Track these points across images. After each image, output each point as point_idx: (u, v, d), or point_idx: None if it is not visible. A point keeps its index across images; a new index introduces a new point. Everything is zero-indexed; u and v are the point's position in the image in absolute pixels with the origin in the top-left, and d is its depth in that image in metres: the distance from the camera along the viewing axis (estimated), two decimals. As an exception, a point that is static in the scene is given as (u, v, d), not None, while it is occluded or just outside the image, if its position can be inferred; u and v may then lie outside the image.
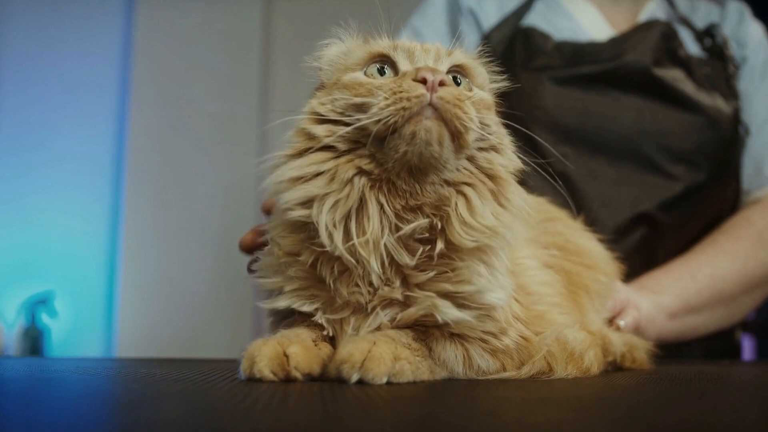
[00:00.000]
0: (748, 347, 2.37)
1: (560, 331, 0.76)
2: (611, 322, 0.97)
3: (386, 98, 0.65)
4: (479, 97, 0.71)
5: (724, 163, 1.26)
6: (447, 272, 0.68)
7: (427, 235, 0.68)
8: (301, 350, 0.66)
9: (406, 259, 0.67)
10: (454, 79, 0.71)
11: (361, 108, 0.67)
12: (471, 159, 0.70)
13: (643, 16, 1.36)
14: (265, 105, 2.71)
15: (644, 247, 1.22)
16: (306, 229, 0.69)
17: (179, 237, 2.60)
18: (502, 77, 0.78)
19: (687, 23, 1.35)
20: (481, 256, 0.69)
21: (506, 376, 0.71)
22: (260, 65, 2.72)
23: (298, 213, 0.68)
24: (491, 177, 0.70)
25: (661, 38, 1.26)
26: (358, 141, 0.68)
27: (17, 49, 2.60)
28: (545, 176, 1.20)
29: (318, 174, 0.68)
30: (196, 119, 2.66)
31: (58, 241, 2.53)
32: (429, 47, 0.72)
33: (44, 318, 2.45)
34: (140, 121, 2.62)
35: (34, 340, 2.41)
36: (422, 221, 0.67)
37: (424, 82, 0.65)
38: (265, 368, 0.64)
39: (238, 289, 2.60)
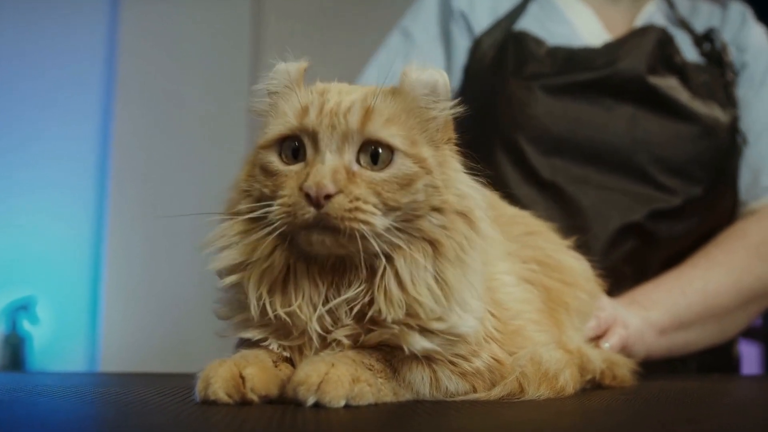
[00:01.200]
0: (754, 355, 2.36)
1: (535, 351, 0.76)
2: (596, 342, 0.96)
3: (279, 206, 0.67)
4: (394, 174, 0.67)
5: (721, 174, 1.25)
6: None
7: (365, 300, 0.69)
8: (257, 371, 0.66)
9: (340, 336, 0.69)
10: (373, 153, 0.68)
11: (271, 198, 0.69)
12: (405, 222, 0.68)
13: (642, 18, 1.35)
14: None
15: (636, 258, 1.21)
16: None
17: (166, 241, 2.60)
18: (458, 103, 0.73)
19: (686, 26, 1.35)
20: (443, 296, 0.68)
21: (475, 398, 0.71)
22: (250, 63, 2.72)
23: (230, 279, 0.71)
24: (430, 241, 0.69)
25: (656, 45, 1.25)
26: None
27: (-3, 45, 2.61)
28: (535, 187, 1.21)
29: (240, 242, 0.71)
30: (184, 119, 2.66)
31: (40, 245, 2.54)
32: (337, 124, 0.67)
33: (25, 325, 2.46)
34: (126, 120, 2.63)
35: (14, 348, 2.42)
36: (350, 294, 0.68)
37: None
38: (219, 390, 0.64)
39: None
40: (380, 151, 0.68)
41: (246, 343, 0.74)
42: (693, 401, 0.79)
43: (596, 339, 0.97)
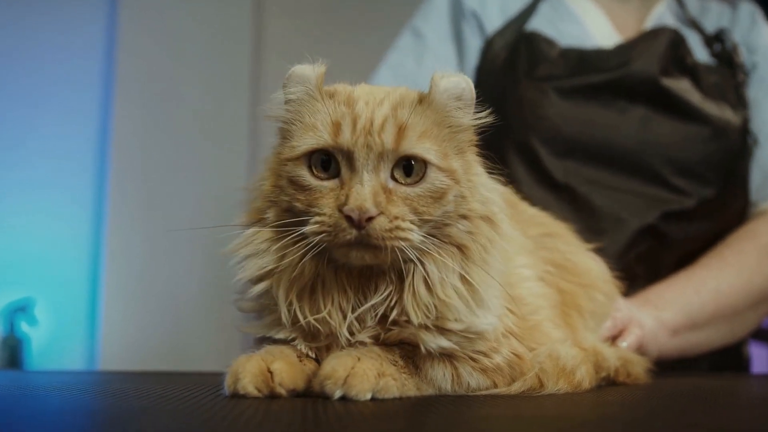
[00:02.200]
0: (763, 357, 2.40)
1: (553, 347, 0.81)
2: (613, 342, 1.00)
3: (318, 223, 0.70)
4: (428, 189, 0.71)
5: (732, 175, 1.29)
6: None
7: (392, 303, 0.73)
8: (285, 366, 0.70)
9: (363, 337, 0.72)
10: (406, 167, 0.71)
11: (304, 212, 0.72)
12: (434, 229, 0.72)
13: (652, 18, 1.39)
14: (257, 102, 2.73)
15: (649, 258, 1.26)
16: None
17: (166, 241, 2.62)
18: (486, 110, 0.77)
19: (696, 26, 1.38)
20: (469, 297, 0.73)
21: (496, 392, 0.75)
22: (251, 60, 2.74)
23: (259, 288, 0.75)
24: (457, 246, 0.73)
25: (668, 46, 1.29)
26: None
27: (-7, 41, 2.63)
28: (548, 189, 1.25)
29: (269, 249, 0.74)
30: (184, 117, 2.68)
31: (38, 246, 2.55)
32: (373, 144, 0.70)
33: (23, 326, 2.48)
34: (125, 118, 2.65)
35: (12, 350, 2.44)
36: (378, 299, 0.72)
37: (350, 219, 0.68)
38: (249, 384, 0.68)
39: (229, 296, 2.62)
40: (414, 164, 0.72)
41: (268, 340, 0.77)
42: (708, 398, 0.83)
43: (612, 339, 1.01)
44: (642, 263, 1.25)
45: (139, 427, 0.55)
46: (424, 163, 0.71)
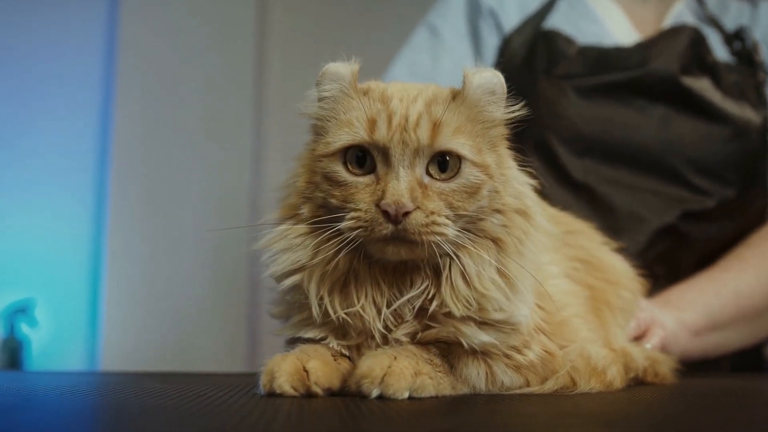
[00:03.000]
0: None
1: (583, 347, 0.82)
2: (636, 342, 1.02)
3: (354, 219, 0.72)
4: (463, 184, 0.73)
5: (753, 175, 1.31)
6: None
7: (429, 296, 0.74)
8: (320, 365, 0.71)
9: (400, 335, 0.74)
10: (441, 162, 0.73)
11: (339, 208, 0.73)
12: (469, 224, 0.74)
13: (671, 16, 1.41)
14: (261, 100, 2.74)
15: (669, 258, 1.27)
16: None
17: (169, 240, 2.63)
18: (518, 104, 0.79)
19: (716, 24, 1.40)
20: (507, 288, 0.74)
21: (529, 391, 0.77)
22: (255, 57, 2.75)
23: (290, 281, 0.76)
24: (493, 239, 0.75)
25: (688, 45, 1.31)
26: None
27: (-10, 36, 2.63)
28: (567, 188, 1.27)
29: (303, 244, 0.75)
30: (187, 114, 2.69)
31: (38, 246, 2.55)
32: (408, 140, 0.72)
33: (24, 328, 2.48)
34: (126, 116, 2.65)
35: (12, 352, 2.44)
36: (414, 293, 0.74)
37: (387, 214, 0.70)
38: (285, 383, 0.70)
39: (232, 297, 2.64)
40: (448, 159, 0.73)
41: (298, 341, 0.79)
42: (736, 397, 0.84)
43: (636, 339, 1.03)
44: (662, 263, 1.27)
45: (141, 428, 0.56)
46: (459, 159, 0.73)
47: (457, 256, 0.73)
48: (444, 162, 0.73)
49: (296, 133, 0.86)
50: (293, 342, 0.80)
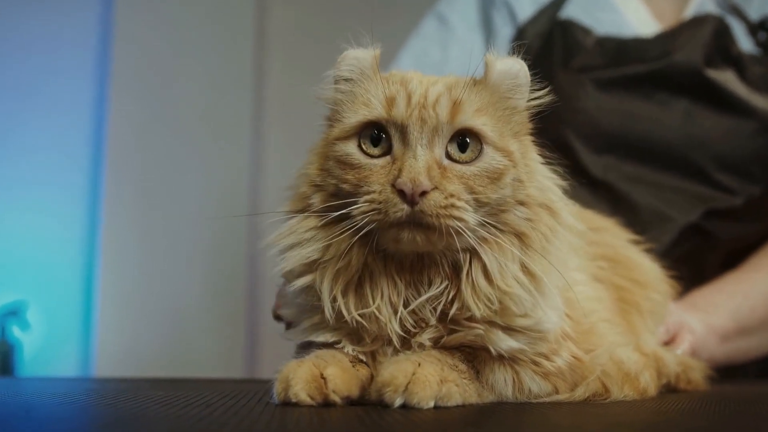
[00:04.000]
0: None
1: (613, 351, 0.79)
2: (665, 347, 0.99)
3: (366, 202, 0.68)
4: (485, 168, 0.70)
5: None
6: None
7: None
8: (339, 372, 0.68)
9: (424, 339, 0.71)
10: (461, 143, 0.70)
11: (352, 193, 0.70)
12: (491, 216, 0.71)
13: (693, 5, 1.38)
14: (260, 96, 2.72)
15: (693, 258, 1.25)
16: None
17: (164, 241, 2.61)
18: (542, 90, 0.77)
19: (740, 14, 1.37)
20: (532, 287, 0.71)
21: (558, 399, 0.74)
22: (253, 52, 2.73)
23: (302, 282, 0.72)
24: (517, 234, 0.72)
25: (712, 35, 1.28)
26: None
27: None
28: (585, 187, 1.23)
29: (314, 238, 0.72)
30: (184, 110, 2.67)
31: (30, 246, 2.53)
32: (427, 117, 0.69)
33: (15, 331, 2.46)
34: (121, 112, 2.63)
35: (4, 356, 2.41)
36: (434, 292, 0.70)
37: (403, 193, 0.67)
38: (301, 391, 0.66)
39: (229, 299, 2.61)
40: (468, 141, 0.70)
41: (311, 345, 0.75)
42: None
43: (665, 344, 1.00)
44: (686, 263, 1.24)
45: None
46: (480, 141, 0.71)
47: (476, 253, 0.70)
48: (464, 144, 0.70)
49: (297, 129, 0.83)
50: (306, 347, 0.76)
